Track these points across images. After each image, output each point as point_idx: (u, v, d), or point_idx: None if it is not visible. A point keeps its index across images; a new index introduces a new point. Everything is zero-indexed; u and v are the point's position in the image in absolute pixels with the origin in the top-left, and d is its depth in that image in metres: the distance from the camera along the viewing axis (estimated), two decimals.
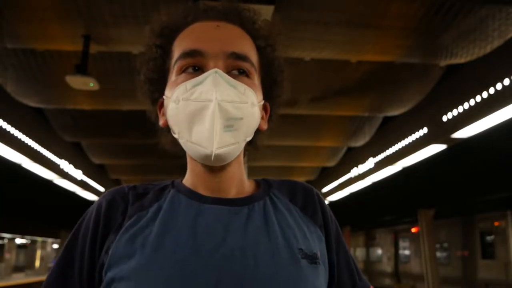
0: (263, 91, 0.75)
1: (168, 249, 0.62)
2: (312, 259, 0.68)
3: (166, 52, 0.74)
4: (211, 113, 0.63)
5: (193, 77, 0.67)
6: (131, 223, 0.67)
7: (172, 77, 0.71)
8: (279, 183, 0.79)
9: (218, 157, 0.65)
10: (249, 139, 0.71)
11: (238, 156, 0.72)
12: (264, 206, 0.71)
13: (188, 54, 0.69)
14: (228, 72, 0.68)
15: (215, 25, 0.71)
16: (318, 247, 0.71)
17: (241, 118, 0.66)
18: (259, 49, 0.76)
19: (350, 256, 0.79)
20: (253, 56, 0.73)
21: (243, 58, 0.70)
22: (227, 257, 0.62)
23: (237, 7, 0.75)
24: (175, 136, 0.70)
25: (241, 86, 0.67)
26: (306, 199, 0.77)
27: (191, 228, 0.65)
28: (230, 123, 0.65)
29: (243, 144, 0.70)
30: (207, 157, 0.65)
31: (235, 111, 0.65)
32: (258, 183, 0.78)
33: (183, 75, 0.69)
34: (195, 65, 0.69)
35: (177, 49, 0.71)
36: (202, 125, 0.64)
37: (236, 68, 0.69)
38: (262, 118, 0.76)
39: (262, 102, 0.74)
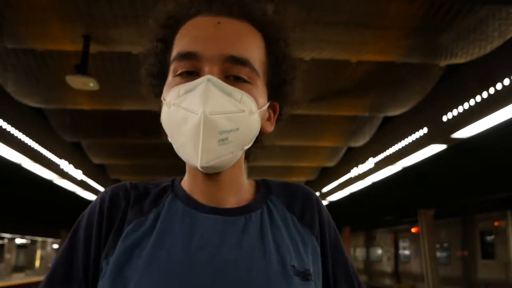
0: (271, 90, 0.71)
1: (162, 263, 0.62)
2: (304, 275, 0.66)
3: (167, 45, 0.71)
4: (197, 127, 0.60)
5: (187, 81, 0.64)
6: (130, 230, 0.66)
7: (169, 77, 0.68)
8: (279, 187, 0.77)
9: (209, 168, 0.63)
10: (247, 147, 0.68)
11: (238, 160, 0.70)
12: (261, 217, 0.70)
13: (183, 56, 0.65)
14: (226, 77, 0.64)
15: (216, 21, 0.66)
16: (312, 262, 0.69)
17: (237, 129, 0.63)
18: (269, 43, 0.71)
19: (348, 264, 0.77)
20: (257, 56, 0.68)
21: (242, 62, 0.65)
22: (221, 270, 0.61)
23: None
24: (169, 140, 0.68)
25: (237, 92, 0.63)
26: (305, 206, 0.75)
27: (186, 238, 0.64)
28: (224, 136, 0.62)
29: (239, 153, 0.67)
30: (195, 168, 0.64)
31: (228, 123, 0.62)
32: (257, 186, 0.76)
33: (177, 78, 0.66)
34: (190, 69, 0.65)
35: (176, 47, 0.68)
36: (188, 137, 0.62)
37: (233, 74, 0.65)
38: (268, 119, 0.73)
39: (266, 106, 0.70)
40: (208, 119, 0.60)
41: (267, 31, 0.71)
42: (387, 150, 8.34)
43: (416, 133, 7.12)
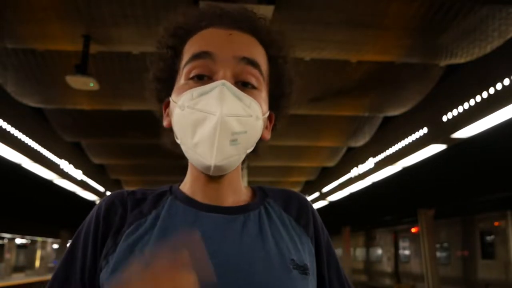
0: (269, 101, 0.75)
1: None
2: (303, 270, 0.69)
3: (177, 53, 0.74)
4: (214, 127, 0.64)
5: (200, 85, 0.67)
6: (130, 231, 0.68)
7: (181, 80, 0.71)
8: (274, 192, 0.80)
9: (218, 168, 0.66)
10: (249, 150, 0.72)
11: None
12: (259, 215, 0.73)
13: (198, 55, 0.69)
14: (236, 83, 0.68)
15: (228, 33, 0.71)
16: (309, 259, 0.72)
17: (245, 132, 0.67)
18: (271, 59, 0.76)
19: (340, 266, 0.80)
20: (264, 64, 0.73)
21: (254, 64, 0.69)
22: (222, 265, 0.63)
23: (252, 15, 0.75)
24: (178, 141, 0.71)
25: (247, 98, 0.67)
26: (300, 209, 0.78)
27: None
28: (234, 137, 0.65)
29: (243, 156, 0.71)
30: (207, 168, 0.66)
31: (239, 125, 0.66)
32: (254, 191, 0.79)
33: (190, 81, 0.69)
34: (204, 72, 0.68)
35: (187, 52, 0.71)
36: (204, 137, 0.65)
37: (243, 79, 0.69)
38: (266, 127, 0.76)
39: (267, 114, 0.74)
40: (224, 120, 0.64)
41: (270, 48, 0.75)
42: (387, 150, 8.33)
43: (416, 133, 7.12)
